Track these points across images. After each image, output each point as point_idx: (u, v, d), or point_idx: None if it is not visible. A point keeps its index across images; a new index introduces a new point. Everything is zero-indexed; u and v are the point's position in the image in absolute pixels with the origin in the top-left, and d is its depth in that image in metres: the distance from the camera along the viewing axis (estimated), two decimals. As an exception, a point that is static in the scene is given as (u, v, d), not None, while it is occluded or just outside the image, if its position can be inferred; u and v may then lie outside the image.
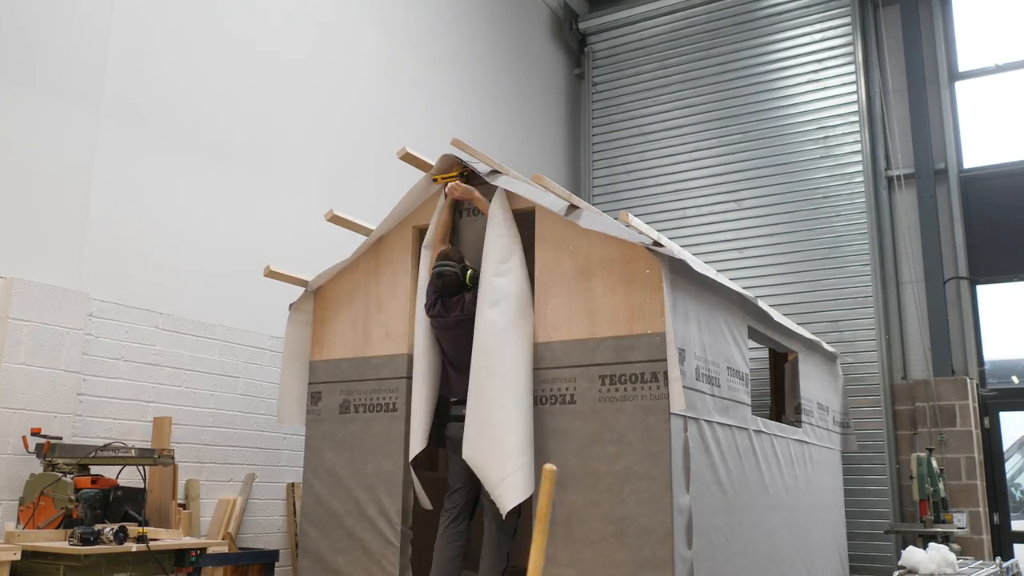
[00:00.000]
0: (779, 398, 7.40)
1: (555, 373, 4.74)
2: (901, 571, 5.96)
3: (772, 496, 5.57)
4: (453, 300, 5.07)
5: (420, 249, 5.44)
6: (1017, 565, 7.18)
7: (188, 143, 6.10)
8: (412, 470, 5.10)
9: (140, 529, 4.47)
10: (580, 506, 4.48)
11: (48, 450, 4.70)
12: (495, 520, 4.85)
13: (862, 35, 9.57)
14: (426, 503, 5.14)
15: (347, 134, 7.48)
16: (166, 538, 4.72)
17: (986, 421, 8.72)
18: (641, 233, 4.50)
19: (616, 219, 4.63)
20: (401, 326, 5.40)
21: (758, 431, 5.49)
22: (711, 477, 4.73)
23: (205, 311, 6.06)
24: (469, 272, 5.04)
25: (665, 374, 4.36)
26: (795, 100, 9.75)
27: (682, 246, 5.52)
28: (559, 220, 4.85)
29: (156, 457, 5.04)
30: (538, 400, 4.76)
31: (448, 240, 5.36)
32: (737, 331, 5.38)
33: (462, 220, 5.41)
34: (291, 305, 5.80)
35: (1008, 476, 8.84)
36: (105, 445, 4.89)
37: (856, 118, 9.37)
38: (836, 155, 9.40)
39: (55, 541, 4.31)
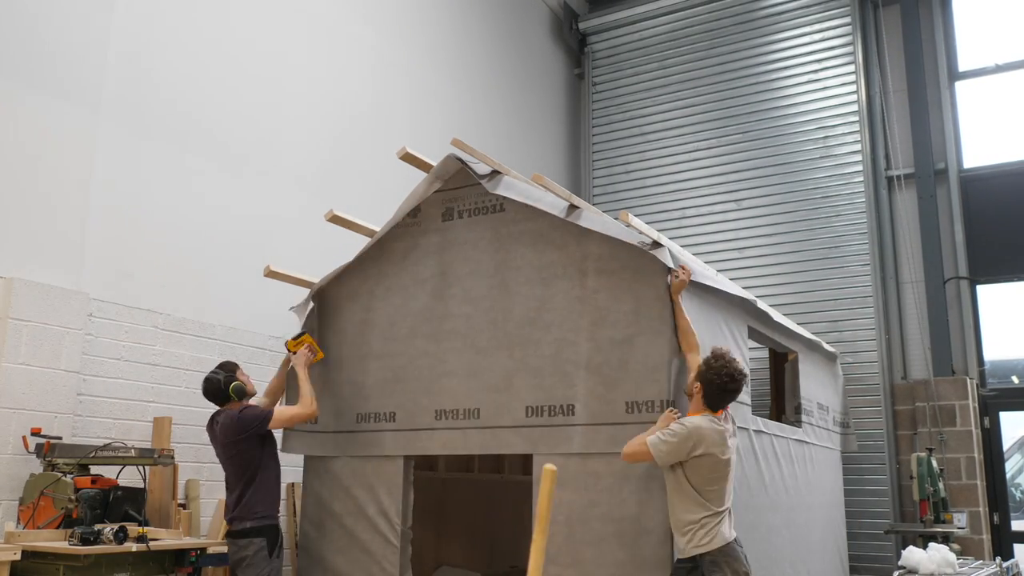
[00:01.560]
0: (779, 398, 7.39)
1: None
2: (901, 571, 5.95)
3: (772, 496, 5.57)
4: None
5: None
6: (1017, 565, 7.17)
7: (188, 143, 6.09)
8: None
9: (140, 529, 4.47)
10: (580, 506, 4.47)
11: (48, 450, 4.69)
12: None
13: (862, 35, 9.56)
14: None
15: (347, 134, 7.47)
16: (166, 538, 4.72)
17: (986, 421, 8.71)
18: (641, 233, 4.50)
19: (616, 219, 4.62)
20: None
21: (758, 431, 5.49)
22: (711, 477, 4.71)
23: (205, 311, 6.05)
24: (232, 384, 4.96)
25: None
26: (795, 100, 9.74)
27: (682, 246, 5.51)
28: None
29: (156, 457, 5.04)
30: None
31: (278, 394, 5.47)
32: (737, 331, 5.38)
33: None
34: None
35: (1008, 476, 8.84)
36: (105, 445, 4.89)
37: (856, 118, 9.36)
38: (836, 155, 9.39)
39: (55, 541, 4.31)
